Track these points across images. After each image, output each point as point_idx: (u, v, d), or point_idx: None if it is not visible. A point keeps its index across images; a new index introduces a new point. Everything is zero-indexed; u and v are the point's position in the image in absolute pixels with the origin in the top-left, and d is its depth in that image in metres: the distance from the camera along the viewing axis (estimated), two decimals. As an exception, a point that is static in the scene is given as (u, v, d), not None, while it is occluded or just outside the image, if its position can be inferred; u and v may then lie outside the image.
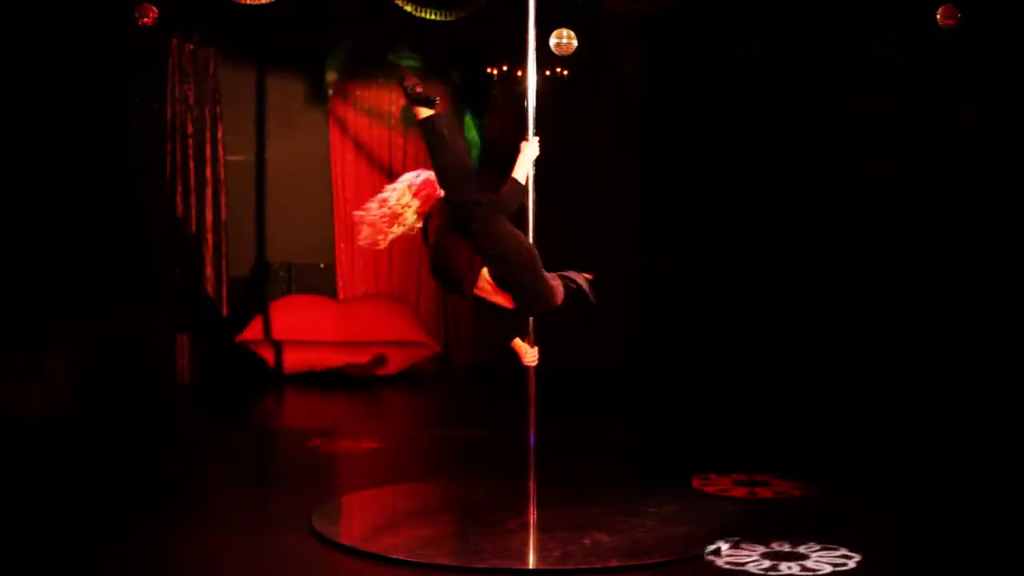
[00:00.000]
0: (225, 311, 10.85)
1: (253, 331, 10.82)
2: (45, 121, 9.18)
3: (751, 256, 10.32)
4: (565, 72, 10.35)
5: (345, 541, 5.50)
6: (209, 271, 10.63)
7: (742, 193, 10.33)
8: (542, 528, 5.53)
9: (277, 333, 10.79)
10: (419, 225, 5.39)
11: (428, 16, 7.99)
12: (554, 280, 5.33)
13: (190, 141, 10.34)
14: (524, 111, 5.63)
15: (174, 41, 10.05)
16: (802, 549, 5.33)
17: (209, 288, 10.63)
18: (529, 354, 5.48)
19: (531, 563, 5.21)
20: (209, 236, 10.60)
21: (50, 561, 5.22)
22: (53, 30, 9.05)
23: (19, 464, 7.19)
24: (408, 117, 11.47)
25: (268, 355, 10.57)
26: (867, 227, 10.05)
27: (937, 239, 9.38)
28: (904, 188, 9.74)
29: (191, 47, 10.29)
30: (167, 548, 5.54)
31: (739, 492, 6.43)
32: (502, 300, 5.29)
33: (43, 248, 9.13)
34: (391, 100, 11.60)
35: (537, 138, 5.52)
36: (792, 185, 10.12)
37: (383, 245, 5.43)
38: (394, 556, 5.22)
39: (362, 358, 10.49)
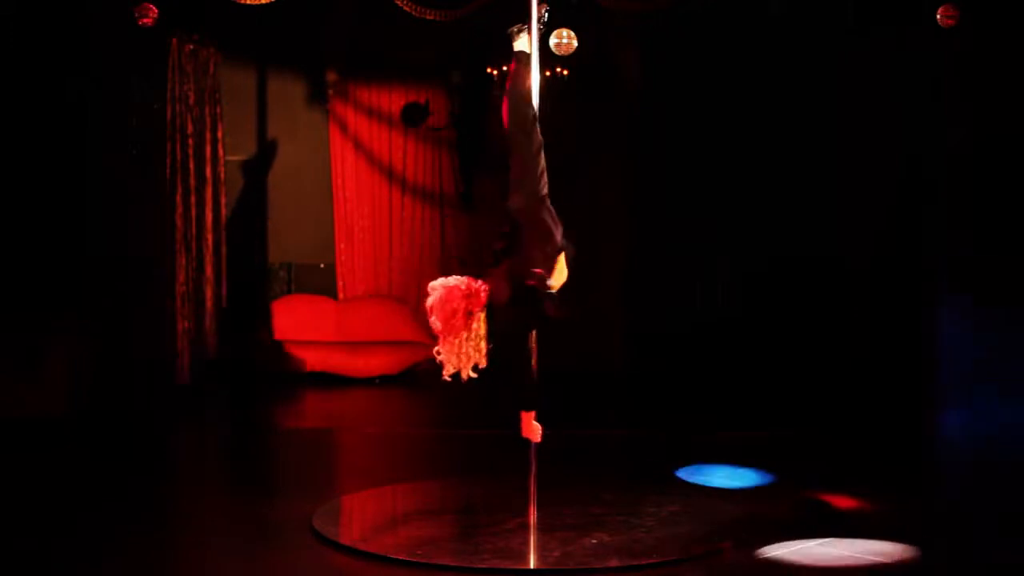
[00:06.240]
0: (225, 311, 10.84)
1: (253, 331, 10.81)
2: (44, 120, 9.17)
3: (751, 256, 10.32)
4: (565, 72, 10.35)
5: (345, 541, 5.50)
6: (209, 271, 10.62)
7: (742, 193, 10.34)
8: (542, 528, 5.52)
9: (277, 333, 10.79)
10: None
11: (428, 16, 7.98)
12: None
13: (190, 141, 10.33)
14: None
15: (174, 41, 10.05)
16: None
17: (209, 288, 10.62)
18: (535, 431, 5.49)
19: (531, 563, 5.21)
20: (209, 236, 10.58)
21: (49, 561, 5.22)
22: (53, 30, 9.05)
23: (16, 463, 7.19)
24: (408, 119, 11.53)
25: (267, 355, 10.56)
26: (866, 228, 10.05)
27: (934, 240, 9.38)
28: (902, 189, 9.73)
29: (191, 47, 10.28)
30: (167, 548, 5.54)
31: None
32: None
33: (41, 247, 9.12)
34: (391, 100, 11.61)
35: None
36: (792, 185, 10.12)
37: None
38: (394, 556, 5.22)
39: (362, 358, 10.48)
